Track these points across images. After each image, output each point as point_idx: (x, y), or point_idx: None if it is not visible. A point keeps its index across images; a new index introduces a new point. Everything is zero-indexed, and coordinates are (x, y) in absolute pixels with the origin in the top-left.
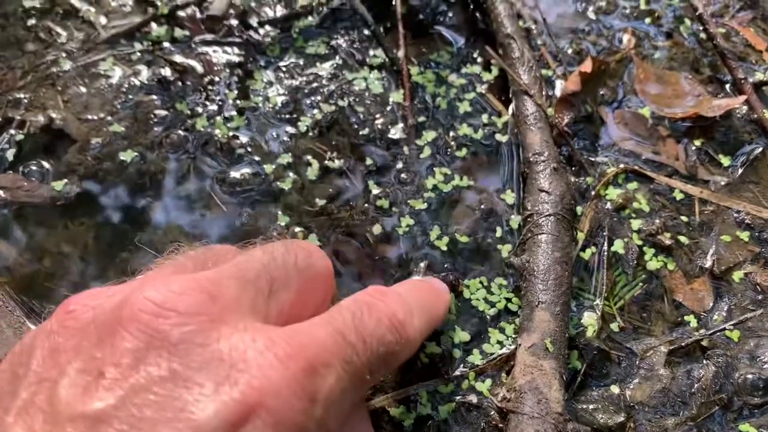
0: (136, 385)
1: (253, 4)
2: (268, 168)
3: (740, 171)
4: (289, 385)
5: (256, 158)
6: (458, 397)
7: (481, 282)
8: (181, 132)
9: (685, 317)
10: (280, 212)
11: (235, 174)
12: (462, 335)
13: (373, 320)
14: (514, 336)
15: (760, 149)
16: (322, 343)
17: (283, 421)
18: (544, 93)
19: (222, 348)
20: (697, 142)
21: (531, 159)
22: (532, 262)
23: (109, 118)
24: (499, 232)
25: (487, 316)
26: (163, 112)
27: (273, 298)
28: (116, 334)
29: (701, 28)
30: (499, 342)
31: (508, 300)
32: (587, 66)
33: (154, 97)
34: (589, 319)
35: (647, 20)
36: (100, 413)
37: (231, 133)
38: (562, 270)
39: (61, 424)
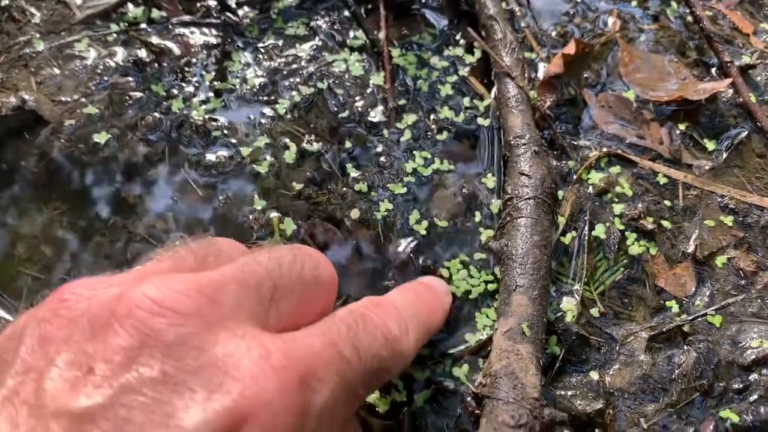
0: (126, 385)
1: None
2: (245, 151)
3: (725, 155)
4: (282, 397)
5: (233, 141)
6: (434, 384)
7: (462, 262)
8: (156, 114)
9: (667, 303)
10: (256, 196)
11: (210, 156)
12: (444, 327)
13: (369, 335)
14: (493, 321)
15: (745, 133)
16: (317, 355)
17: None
18: (526, 75)
19: (217, 353)
20: (682, 126)
21: (512, 142)
22: (511, 246)
23: (83, 99)
24: (479, 217)
25: (466, 302)
26: (139, 94)
27: (274, 306)
28: (110, 329)
29: (688, 11)
30: (478, 327)
31: (488, 283)
32: (571, 48)
33: (130, 78)
34: (569, 305)
35: (633, 3)
36: (87, 411)
37: (207, 116)
38: (541, 254)
39: (46, 418)
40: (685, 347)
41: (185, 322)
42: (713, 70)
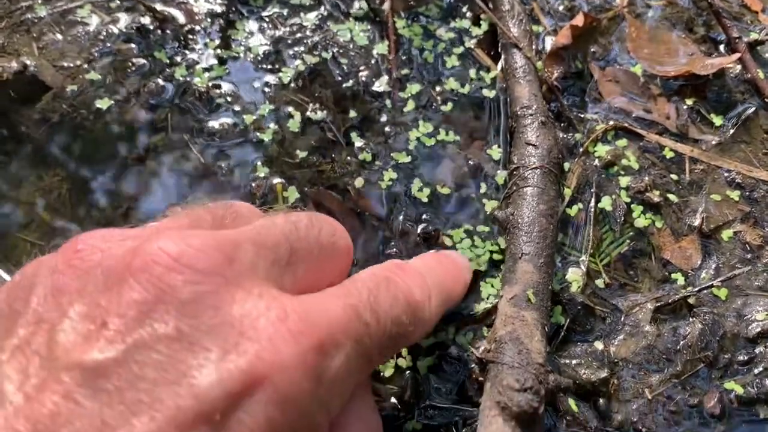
0: (139, 340)
1: None
2: (248, 119)
3: (732, 131)
4: (298, 362)
5: (236, 108)
6: (438, 351)
7: (466, 232)
8: (159, 81)
9: (673, 275)
10: (259, 163)
11: (213, 124)
12: None
13: (390, 298)
14: (498, 291)
15: (753, 109)
16: (336, 320)
17: (287, 398)
18: (534, 47)
19: (234, 313)
20: (689, 101)
21: (519, 112)
22: (517, 215)
23: (86, 65)
24: (483, 188)
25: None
26: (142, 61)
27: (290, 269)
28: (124, 282)
29: None
30: (482, 296)
31: (492, 253)
32: (579, 20)
33: (133, 45)
34: (574, 275)
35: None
36: (100, 365)
37: (210, 83)
38: (547, 222)
39: (57, 371)
40: (691, 319)
41: (202, 279)
42: (721, 46)
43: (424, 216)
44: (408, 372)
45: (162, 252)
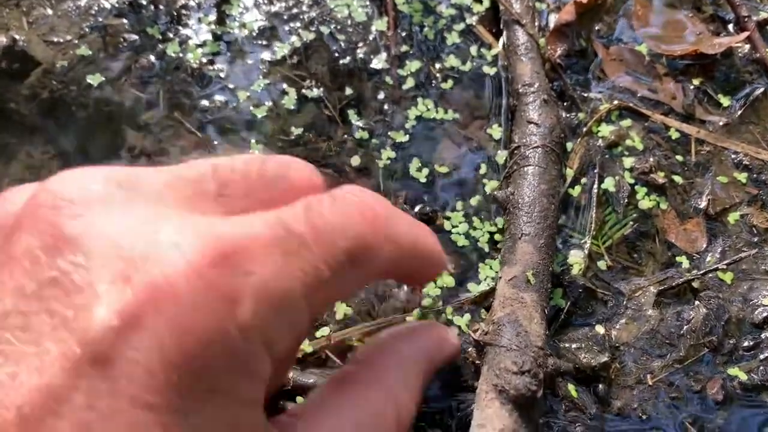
0: (23, 290)
1: None
2: (242, 95)
3: (739, 112)
4: (192, 281)
5: (230, 85)
6: None
7: (465, 212)
8: (151, 57)
9: (677, 258)
10: (253, 140)
11: (206, 101)
12: (446, 279)
13: (337, 211)
14: (497, 272)
15: (761, 90)
16: (251, 233)
17: (185, 324)
18: (536, 24)
19: (121, 242)
20: (696, 81)
21: (520, 90)
22: (517, 194)
23: (76, 41)
24: (483, 168)
25: (470, 252)
26: (134, 36)
27: (221, 203)
28: (13, 234)
29: None
30: (480, 278)
31: (492, 234)
32: None
33: (124, 20)
34: (576, 258)
35: None
36: None
37: (204, 59)
38: (548, 203)
39: None
40: (695, 303)
41: (83, 210)
42: (730, 26)
43: (422, 197)
44: None
45: (47, 192)
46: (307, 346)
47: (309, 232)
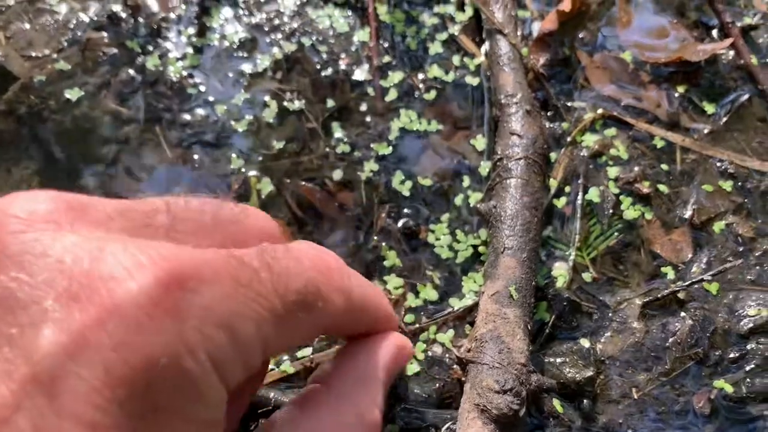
0: None
1: None
2: (222, 109)
3: (724, 119)
4: (139, 300)
5: (210, 99)
6: (418, 352)
7: (448, 225)
8: (130, 71)
9: (662, 269)
10: (233, 155)
11: (186, 115)
12: (429, 293)
13: (291, 257)
14: (480, 286)
15: (746, 96)
16: (202, 258)
17: (131, 342)
18: (519, 33)
19: (66, 259)
20: (681, 89)
21: (503, 101)
22: (499, 207)
23: (55, 55)
24: (467, 180)
25: (453, 266)
26: (113, 50)
27: (172, 238)
28: None
29: None
30: (464, 292)
31: (475, 247)
32: (566, 5)
33: (104, 33)
34: (560, 270)
35: None
36: None
37: (184, 72)
38: (531, 215)
39: None
40: (681, 314)
41: (27, 227)
42: (714, 31)
43: (405, 210)
44: None
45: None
46: (288, 367)
47: (262, 268)
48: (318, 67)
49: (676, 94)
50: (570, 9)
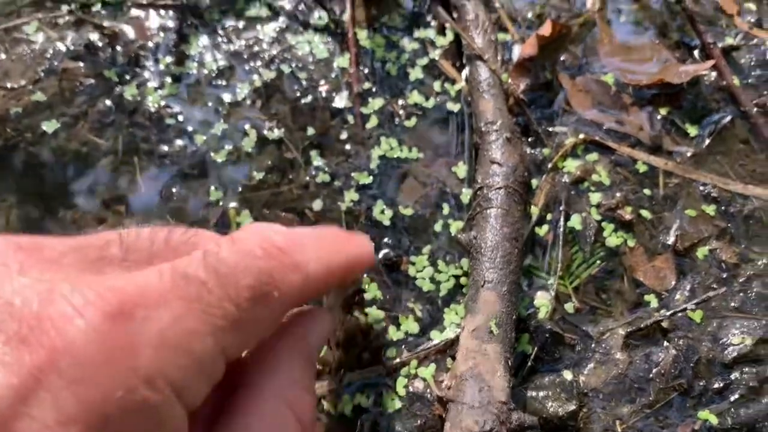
0: None
1: None
2: (200, 139)
3: (707, 141)
4: (88, 337)
5: (189, 129)
6: (399, 387)
7: (429, 256)
8: (107, 101)
9: (646, 297)
10: (213, 187)
11: (165, 146)
12: (410, 325)
13: (235, 250)
14: (462, 319)
15: (729, 118)
16: (147, 283)
17: (84, 380)
18: (499, 58)
19: (15, 302)
20: (663, 111)
21: (483, 128)
22: (480, 239)
23: (31, 86)
24: (448, 208)
25: (434, 297)
26: (90, 80)
27: (125, 267)
28: None
29: None
30: (445, 325)
31: (457, 278)
32: (546, 29)
33: (81, 63)
34: (542, 300)
35: None
36: None
37: (162, 102)
38: (511, 246)
39: None
40: (664, 344)
41: None
42: (695, 52)
43: (386, 240)
44: (366, 412)
45: None
46: None
47: (207, 276)
48: (298, 94)
49: (659, 117)
50: (550, 33)
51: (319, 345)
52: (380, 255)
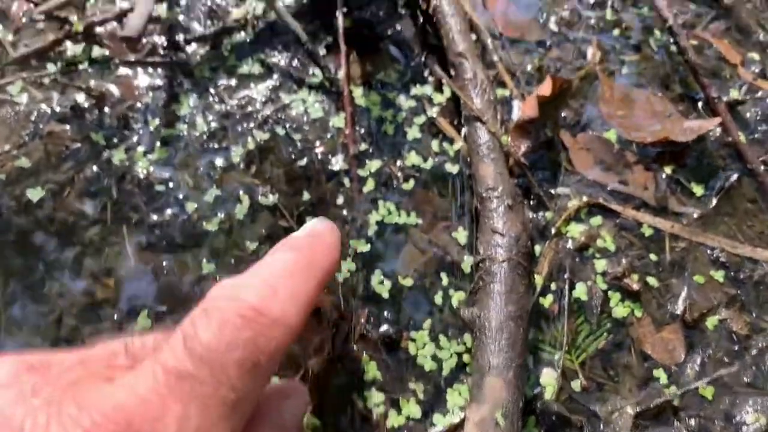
0: None
1: (180, 18)
2: (192, 206)
3: (714, 201)
4: None
5: (179, 195)
6: None
7: (430, 331)
8: (95, 167)
9: (654, 372)
10: (204, 259)
11: (155, 215)
12: (412, 408)
13: (214, 327)
14: (466, 400)
15: (735, 176)
16: (146, 391)
17: None
18: (499, 118)
19: (26, 426)
20: (668, 170)
21: (484, 195)
22: (483, 318)
23: (15, 151)
24: (449, 277)
25: (437, 377)
26: (77, 144)
27: (132, 371)
28: None
29: (672, 40)
30: (448, 407)
31: (460, 355)
32: (546, 88)
33: (67, 126)
34: (548, 378)
35: (614, 32)
36: None
37: (151, 168)
38: (516, 327)
39: None
40: (675, 424)
41: None
42: (699, 104)
43: (385, 314)
44: None
45: None
46: None
47: (195, 367)
48: (292, 156)
49: (664, 176)
50: (551, 91)
51: (297, 423)
52: (380, 331)
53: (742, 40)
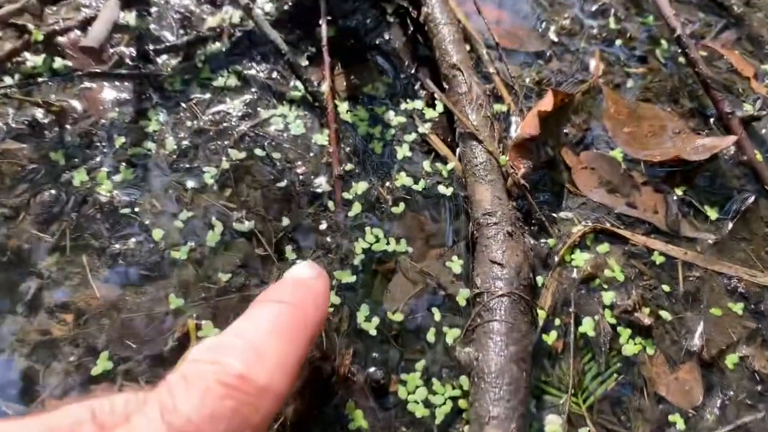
0: None
1: (151, 26)
2: (159, 233)
3: (730, 225)
4: None
5: (146, 221)
6: None
7: (422, 374)
8: (53, 190)
9: (670, 416)
10: (172, 293)
11: (118, 244)
12: None
13: (194, 398)
14: None
15: (752, 198)
16: None
17: None
18: (496, 135)
19: None
20: (679, 191)
21: (481, 220)
22: (482, 361)
23: None
24: (443, 312)
25: (430, 425)
26: (33, 164)
27: None
28: None
29: (680, 51)
30: None
31: (455, 400)
32: (547, 103)
33: (24, 144)
34: (553, 425)
35: (618, 42)
36: None
37: (115, 190)
38: (519, 371)
39: None
40: None
41: None
42: (711, 120)
43: (373, 354)
44: None
45: None
46: None
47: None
48: (271, 177)
49: (675, 198)
50: (552, 106)
51: None
52: (366, 373)
53: (755, 50)
